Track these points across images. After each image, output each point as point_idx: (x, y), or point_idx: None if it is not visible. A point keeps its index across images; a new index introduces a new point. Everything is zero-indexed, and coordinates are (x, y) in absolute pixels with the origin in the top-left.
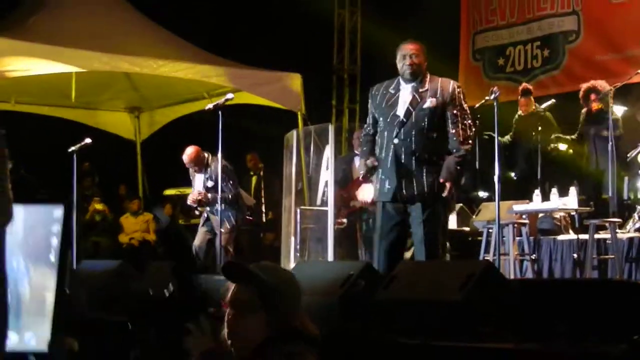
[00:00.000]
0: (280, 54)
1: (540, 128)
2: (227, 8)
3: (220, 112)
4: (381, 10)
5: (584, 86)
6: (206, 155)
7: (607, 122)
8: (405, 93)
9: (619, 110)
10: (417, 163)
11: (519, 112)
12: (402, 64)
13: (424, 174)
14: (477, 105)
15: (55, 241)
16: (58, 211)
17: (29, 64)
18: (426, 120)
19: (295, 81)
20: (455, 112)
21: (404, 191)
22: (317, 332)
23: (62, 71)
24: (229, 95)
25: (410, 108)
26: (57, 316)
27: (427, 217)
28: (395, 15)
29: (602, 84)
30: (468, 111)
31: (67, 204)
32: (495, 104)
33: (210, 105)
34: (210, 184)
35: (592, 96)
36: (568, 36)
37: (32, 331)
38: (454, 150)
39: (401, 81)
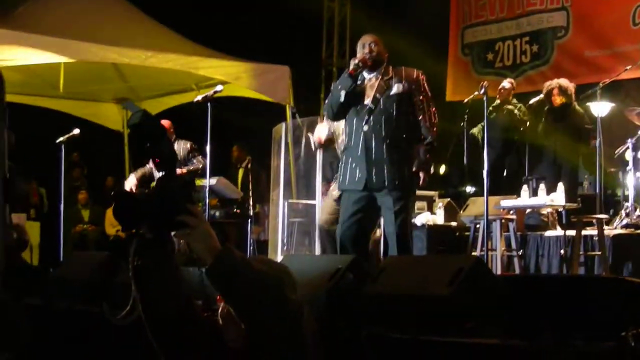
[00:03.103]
0: (269, 46)
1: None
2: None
3: (209, 104)
4: (370, 3)
5: (546, 84)
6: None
7: (571, 117)
8: (371, 82)
9: (606, 107)
10: (387, 150)
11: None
12: (361, 53)
13: (395, 161)
14: (466, 99)
15: None
16: None
17: (17, 53)
18: (394, 106)
19: (284, 74)
20: (421, 98)
21: (374, 179)
22: (314, 325)
23: (50, 61)
24: (218, 87)
25: (377, 95)
26: None
27: (400, 207)
28: (385, 8)
29: (564, 82)
30: (432, 98)
31: None
32: (484, 98)
33: (199, 97)
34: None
35: (555, 91)
36: (557, 32)
37: None
38: (424, 137)
39: (364, 73)
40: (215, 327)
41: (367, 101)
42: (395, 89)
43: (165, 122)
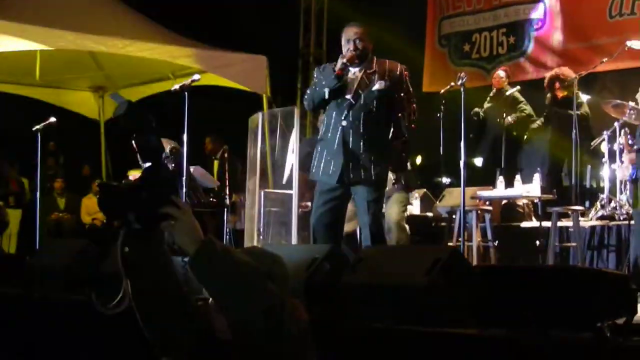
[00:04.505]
0: (246, 36)
1: (505, 114)
2: None
3: (186, 94)
4: None
5: (549, 75)
6: None
7: (572, 108)
8: (355, 75)
9: (584, 98)
10: (364, 145)
11: (492, 92)
12: (347, 49)
13: (371, 157)
14: (442, 90)
15: None
16: None
17: None
18: (375, 102)
19: (260, 63)
20: (402, 94)
21: (350, 174)
22: (305, 316)
23: (26, 49)
24: (196, 77)
25: (359, 90)
26: None
27: (375, 198)
28: None
29: (566, 72)
30: (413, 94)
31: None
32: (462, 89)
33: (176, 86)
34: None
35: (557, 84)
36: (534, 23)
37: None
38: (401, 135)
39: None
40: (206, 318)
41: (348, 95)
42: (377, 85)
43: None
